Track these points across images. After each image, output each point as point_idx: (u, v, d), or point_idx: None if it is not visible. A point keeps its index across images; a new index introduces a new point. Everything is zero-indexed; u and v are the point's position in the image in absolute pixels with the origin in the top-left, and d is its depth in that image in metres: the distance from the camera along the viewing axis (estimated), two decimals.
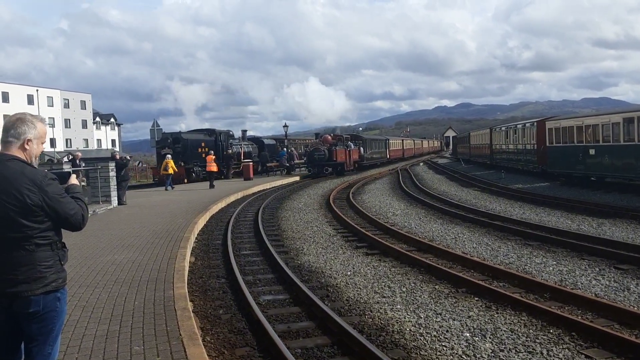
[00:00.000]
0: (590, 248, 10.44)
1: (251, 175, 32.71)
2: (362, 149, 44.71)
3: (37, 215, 3.08)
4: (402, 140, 71.04)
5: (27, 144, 3.21)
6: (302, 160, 43.18)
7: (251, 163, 34.27)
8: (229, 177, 34.75)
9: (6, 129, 3.21)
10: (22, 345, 3.21)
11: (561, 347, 5.84)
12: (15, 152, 3.18)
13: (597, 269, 9.15)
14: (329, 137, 38.96)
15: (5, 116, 61.49)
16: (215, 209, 18.36)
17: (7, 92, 72.05)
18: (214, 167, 27.90)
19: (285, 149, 43.28)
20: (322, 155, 36.24)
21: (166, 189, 26.31)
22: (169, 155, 28.17)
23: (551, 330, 6.30)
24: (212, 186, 26.74)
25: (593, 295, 7.66)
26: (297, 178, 35.55)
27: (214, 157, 28.39)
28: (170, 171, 26.90)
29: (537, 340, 6.02)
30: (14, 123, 3.21)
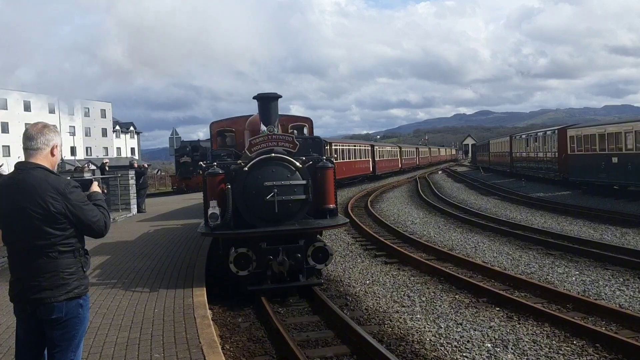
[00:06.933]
0: (614, 258, 10.25)
1: None
2: None
3: (61, 223, 3.12)
4: (372, 146, 42.61)
5: (54, 150, 3.25)
6: None
7: None
8: None
9: (32, 137, 3.19)
10: (45, 351, 3.24)
11: (585, 358, 5.73)
12: (42, 160, 3.20)
13: (621, 279, 8.98)
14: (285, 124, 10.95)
15: (26, 124, 62.32)
16: None
17: (29, 101, 73.03)
18: None
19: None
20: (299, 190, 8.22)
21: None
22: None
23: (574, 342, 6.18)
24: None
25: (617, 306, 7.52)
26: None
27: None
28: None
29: (560, 352, 5.90)
30: (41, 130, 3.22)
